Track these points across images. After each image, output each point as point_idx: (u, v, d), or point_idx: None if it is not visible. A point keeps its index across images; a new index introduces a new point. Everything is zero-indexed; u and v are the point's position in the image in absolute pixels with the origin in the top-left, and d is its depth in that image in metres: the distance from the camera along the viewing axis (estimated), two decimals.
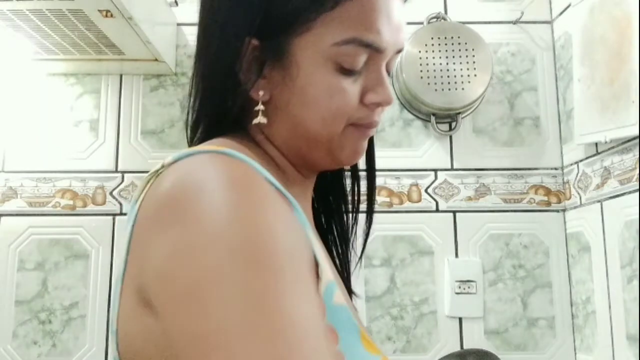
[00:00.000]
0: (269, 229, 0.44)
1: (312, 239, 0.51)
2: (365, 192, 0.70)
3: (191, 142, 0.63)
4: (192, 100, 0.62)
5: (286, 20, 0.55)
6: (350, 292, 0.68)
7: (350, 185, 0.70)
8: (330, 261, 0.62)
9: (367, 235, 0.70)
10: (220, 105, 0.59)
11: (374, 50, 0.56)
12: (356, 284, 0.75)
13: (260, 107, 0.57)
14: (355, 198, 0.70)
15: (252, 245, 0.42)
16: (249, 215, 0.44)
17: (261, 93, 0.57)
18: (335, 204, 0.71)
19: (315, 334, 0.42)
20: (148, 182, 0.51)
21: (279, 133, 0.59)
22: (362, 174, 0.71)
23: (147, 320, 0.47)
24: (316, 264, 0.50)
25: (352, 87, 0.56)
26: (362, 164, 0.70)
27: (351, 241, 0.71)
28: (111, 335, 0.52)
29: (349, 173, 0.71)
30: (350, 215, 0.70)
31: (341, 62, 0.55)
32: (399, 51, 0.60)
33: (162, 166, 0.50)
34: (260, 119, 0.57)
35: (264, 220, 0.44)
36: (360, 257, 0.71)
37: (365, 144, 0.61)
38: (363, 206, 0.71)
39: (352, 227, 0.71)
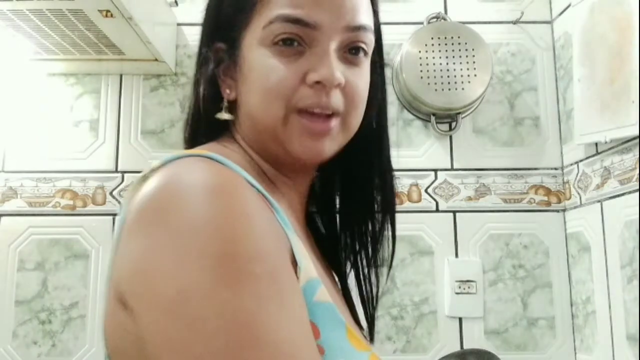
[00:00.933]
0: (247, 239, 0.44)
1: (293, 239, 0.52)
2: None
3: (185, 146, 0.66)
4: (187, 107, 0.66)
5: (232, 21, 0.60)
6: (371, 299, 0.72)
7: (378, 186, 0.69)
8: (318, 258, 0.62)
9: (394, 240, 0.72)
10: (201, 109, 0.63)
11: (304, 25, 0.56)
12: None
13: (224, 103, 0.61)
14: (386, 200, 0.70)
15: (229, 258, 0.43)
16: (227, 223, 0.44)
17: (227, 91, 0.61)
18: (355, 208, 0.70)
19: (299, 348, 0.43)
20: (137, 186, 0.52)
21: (244, 130, 0.61)
22: (398, 173, 0.71)
23: (123, 320, 0.48)
24: (296, 263, 0.50)
25: (289, 67, 0.56)
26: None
27: (378, 245, 0.71)
28: (102, 333, 0.54)
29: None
30: (376, 217, 0.71)
31: (275, 42, 0.57)
32: (358, 28, 0.58)
33: (151, 170, 0.51)
34: (222, 115, 0.61)
35: (243, 229, 0.44)
36: (391, 264, 0.74)
37: (322, 143, 0.58)
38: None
39: (382, 232, 0.71)
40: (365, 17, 0.59)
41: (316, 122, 0.57)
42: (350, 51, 0.59)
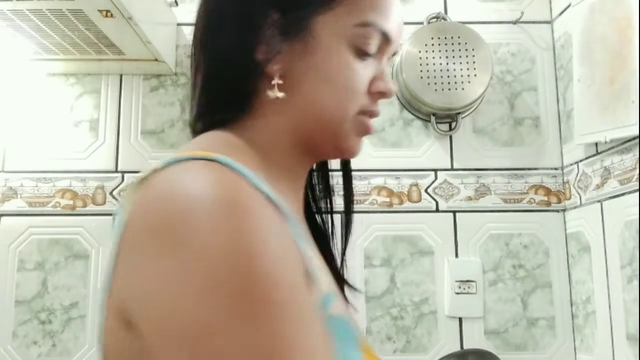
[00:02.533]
0: (265, 264, 0.42)
1: (306, 250, 0.51)
2: (343, 194, 0.70)
3: (193, 133, 0.61)
4: (198, 83, 0.60)
5: None
6: (342, 292, 0.67)
7: (343, 185, 0.70)
8: (324, 267, 0.61)
9: (346, 237, 0.69)
10: (233, 83, 0.57)
11: (385, 40, 0.59)
12: (356, 283, 0.74)
13: (278, 80, 0.56)
14: (350, 198, 0.70)
15: (248, 288, 0.41)
16: (243, 247, 0.42)
17: (276, 67, 0.56)
18: (324, 204, 0.70)
19: None
20: (137, 189, 0.49)
21: (288, 113, 0.57)
22: (355, 174, 0.71)
23: (126, 341, 0.47)
24: (309, 279, 0.49)
25: (364, 72, 0.58)
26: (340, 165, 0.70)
27: (344, 241, 0.69)
28: (98, 343, 0.52)
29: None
30: (343, 215, 0.69)
31: (358, 44, 0.57)
32: (394, 54, 0.63)
33: (152, 172, 0.48)
34: (276, 93, 0.56)
35: (260, 253, 0.42)
36: (342, 261, 0.69)
37: (362, 142, 0.62)
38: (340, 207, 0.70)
39: (347, 228, 0.69)
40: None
41: (369, 127, 0.61)
42: None
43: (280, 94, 0.56)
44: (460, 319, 1.41)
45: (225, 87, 0.58)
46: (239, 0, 0.58)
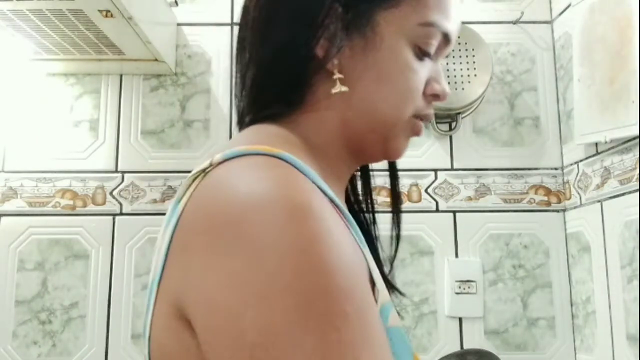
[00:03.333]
0: (336, 273, 0.39)
1: (368, 257, 0.49)
2: (390, 193, 0.70)
3: (240, 125, 0.60)
4: (245, 77, 0.58)
5: None
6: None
7: (362, 186, 0.70)
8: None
9: (397, 238, 0.70)
10: (288, 77, 0.55)
11: (445, 40, 0.58)
12: None
13: (338, 75, 0.54)
14: (399, 198, 0.71)
15: (317, 297, 0.38)
16: (315, 254, 0.39)
17: (335, 62, 0.54)
18: (367, 205, 0.70)
19: None
20: (194, 180, 0.47)
21: (341, 109, 0.56)
22: (355, 173, 0.69)
23: (183, 336, 0.45)
24: (373, 287, 0.47)
25: (422, 73, 0.57)
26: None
27: (396, 243, 0.71)
28: (144, 340, 0.50)
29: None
30: (367, 215, 0.70)
31: (420, 44, 0.56)
32: (447, 56, 0.62)
33: (211, 164, 0.46)
34: (340, 88, 0.53)
35: (331, 261, 0.40)
36: (392, 264, 0.69)
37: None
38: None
39: (397, 228, 0.70)
40: None
41: (421, 129, 0.59)
42: None
43: (344, 88, 0.53)
44: (460, 319, 1.41)
45: (281, 80, 0.56)
46: None
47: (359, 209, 0.68)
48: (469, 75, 1.42)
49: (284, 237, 0.39)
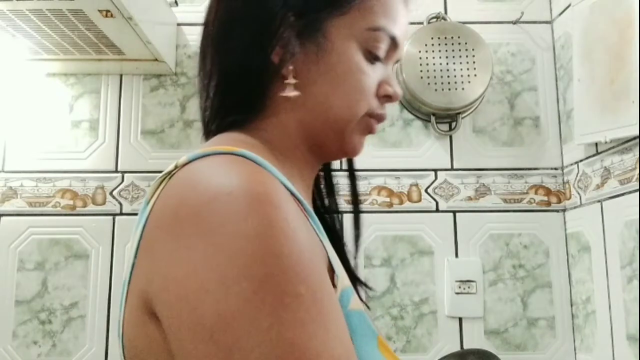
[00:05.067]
0: (291, 257, 0.42)
1: (328, 246, 0.52)
2: (350, 194, 0.72)
3: (207, 134, 0.62)
4: (208, 86, 0.61)
5: (326, 1, 0.58)
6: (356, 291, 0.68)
7: (326, 187, 0.71)
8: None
9: (357, 238, 0.70)
10: (248, 84, 0.58)
11: (394, 44, 0.61)
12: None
13: (292, 80, 0.57)
14: (357, 197, 0.72)
15: (273, 280, 0.40)
16: (271, 239, 0.42)
17: (290, 68, 0.57)
18: (331, 205, 0.71)
19: None
20: (161, 182, 0.49)
21: (298, 111, 0.58)
22: (359, 174, 0.73)
23: (150, 329, 0.47)
24: (332, 272, 0.50)
25: (373, 74, 0.60)
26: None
27: (356, 240, 0.71)
28: (117, 338, 0.52)
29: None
30: (353, 215, 0.71)
31: (370, 48, 0.59)
32: (398, 60, 0.65)
33: (176, 166, 0.49)
34: (291, 92, 0.57)
35: (287, 246, 0.42)
36: (356, 259, 0.70)
37: (364, 142, 0.64)
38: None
39: (357, 226, 0.71)
40: None
41: (374, 127, 0.63)
42: None
43: (294, 93, 0.57)
44: (460, 319, 1.41)
45: (240, 88, 0.59)
46: (255, 2, 0.58)
47: (324, 209, 0.71)
48: (469, 75, 1.42)
49: (242, 225, 0.41)
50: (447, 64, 1.42)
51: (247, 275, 0.40)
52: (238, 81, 0.59)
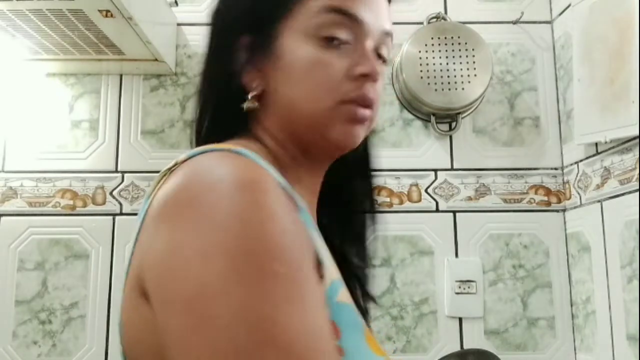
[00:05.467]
0: (272, 237, 0.44)
1: (317, 239, 0.52)
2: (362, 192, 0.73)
3: (196, 144, 0.64)
4: (197, 104, 0.65)
5: (270, 10, 0.59)
6: (366, 293, 0.70)
7: (363, 185, 0.73)
8: (333, 259, 0.62)
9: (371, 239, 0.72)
10: (220, 103, 0.62)
11: (351, 19, 0.58)
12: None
13: (252, 93, 0.60)
14: (372, 198, 0.73)
15: (252, 257, 0.42)
16: (254, 220, 0.44)
17: (254, 84, 0.60)
18: (346, 205, 0.72)
19: (314, 350, 0.42)
20: (161, 179, 0.52)
21: (271, 121, 0.61)
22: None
23: (143, 310, 0.48)
24: (319, 264, 0.50)
25: (336, 61, 0.58)
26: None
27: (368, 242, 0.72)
28: (118, 327, 0.53)
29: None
30: (367, 215, 0.73)
31: (324, 34, 0.58)
32: (387, 34, 0.62)
33: (176, 164, 0.51)
34: (250, 104, 0.59)
35: (269, 227, 0.44)
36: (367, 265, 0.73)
37: (359, 129, 0.60)
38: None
39: (370, 227, 0.73)
40: (390, 25, 0.63)
41: (358, 112, 0.59)
42: (377, 54, 0.62)
43: (254, 104, 0.60)
44: (460, 319, 1.41)
45: (222, 112, 0.62)
46: (219, 32, 0.63)
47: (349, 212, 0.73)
48: (469, 75, 1.42)
49: (228, 206, 0.44)
50: (447, 64, 1.42)
51: (227, 250, 0.42)
52: (220, 106, 0.62)
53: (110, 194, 1.45)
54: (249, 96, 0.60)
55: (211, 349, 0.40)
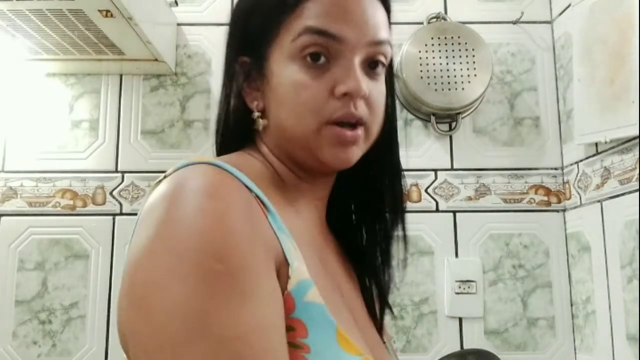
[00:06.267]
0: (216, 237, 0.47)
1: (285, 241, 0.53)
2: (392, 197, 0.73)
3: (217, 155, 0.68)
4: (216, 118, 0.69)
5: (259, 33, 0.61)
6: (384, 298, 0.73)
7: (388, 187, 0.73)
8: (340, 262, 0.66)
9: (405, 238, 0.78)
10: (227, 119, 0.66)
11: (332, 39, 0.58)
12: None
13: (256, 113, 0.62)
14: (396, 199, 0.74)
15: (191, 255, 0.46)
16: (200, 221, 0.47)
17: (255, 103, 0.63)
18: (371, 208, 0.74)
19: (250, 347, 0.45)
20: (150, 191, 0.55)
21: (270, 138, 0.63)
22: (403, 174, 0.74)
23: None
24: (287, 264, 0.52)
25: (318, 82, 0.59)
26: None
27: (391, 244, 0.76)
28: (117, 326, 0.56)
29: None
30: (389, 216, 0.75)
31: (302, 56, 0.59)
32: (380, 43, 0.61)
33: (165, 177, 0.54)
34: (260, 123, 0.62)
35: (215, 228, 0.47)
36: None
37: (350, 150, 0.60)
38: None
39: (394, 229, 0.75)
40: (385, 32, 0.62)
41: (346, 131, 0.59)
42: (370, 65, 0.62)
43: (265, 122, 0.62)
44: (460, 319, 1.41)
45: (229, 127, 0.66)
46: (225, 52, 0.67)
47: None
48: (469, 75, 1.42)
49: (182, 211, 0.48)
50: (447, 64, 1.42)
51: (174, 251, 0.46)
52: (229, 126, 0.66)
53: (110, 194, 1.45)
54: (254, 115, 0.62)
55: (154, 340, 0.44)
